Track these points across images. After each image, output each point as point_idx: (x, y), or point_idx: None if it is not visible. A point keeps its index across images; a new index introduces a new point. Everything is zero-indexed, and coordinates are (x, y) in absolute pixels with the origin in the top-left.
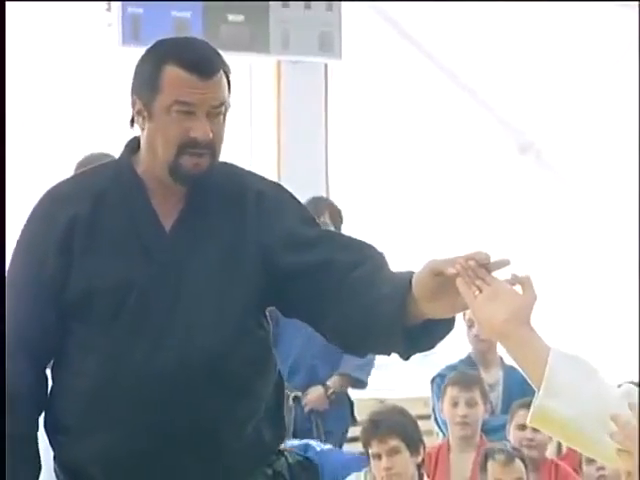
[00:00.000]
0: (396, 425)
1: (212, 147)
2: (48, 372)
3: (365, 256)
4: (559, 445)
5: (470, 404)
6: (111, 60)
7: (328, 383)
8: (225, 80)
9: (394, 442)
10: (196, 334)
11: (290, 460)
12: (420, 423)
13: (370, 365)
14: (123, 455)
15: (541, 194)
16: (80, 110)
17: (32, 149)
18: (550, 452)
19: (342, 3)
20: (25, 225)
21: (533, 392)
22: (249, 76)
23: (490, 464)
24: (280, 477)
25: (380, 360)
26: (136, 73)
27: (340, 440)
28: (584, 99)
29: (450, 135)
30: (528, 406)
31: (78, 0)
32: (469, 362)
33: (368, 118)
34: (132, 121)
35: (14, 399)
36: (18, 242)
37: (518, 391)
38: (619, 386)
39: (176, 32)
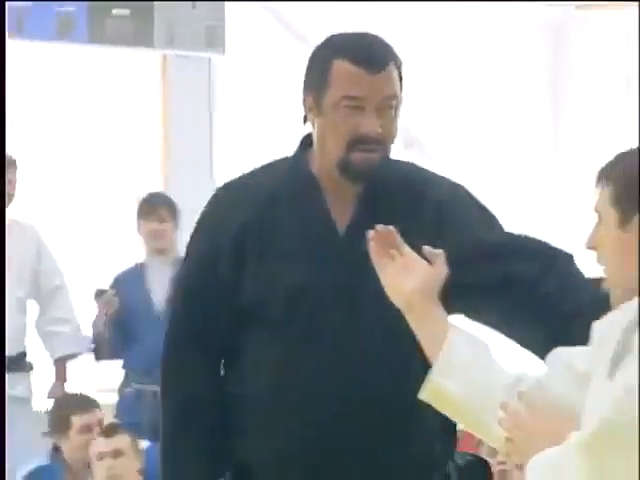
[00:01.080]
0: None
1: (383, 142)
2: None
3: (548, 265)
4: None
5: None
6: None
7: None
8: (396, 74)
9: None
10: (375, 350)
11: (459, 462)
12: None
13: None
14: (293, 466)
15: None
16: None
17: None
18: None
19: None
20: (195, 230)
21: None
22: (134, 71)
23: None
24: None
25: None
26: (307, 69)
27: None
28: (464, 96)
29: None
30: None
31: None
32: None
33: (252, 112)
34: (305, 118)
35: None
36: (189, 247)
37: None
38: None
39: (60, 26)
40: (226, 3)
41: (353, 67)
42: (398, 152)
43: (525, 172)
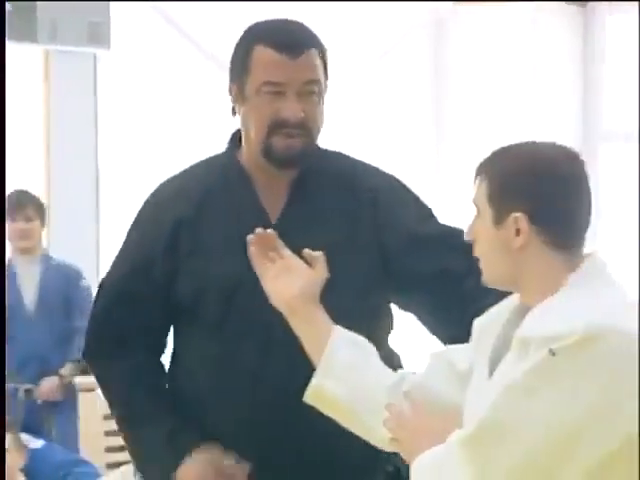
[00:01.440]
0: None
1: (305, 127)
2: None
3: (472, 261)
4: None
5: None
6: None
7: (61, 372)
8: (319, 59)
9: None
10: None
11: None
12: None
13: None
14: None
15: None
16: None
17: None
18: None
19: None
20: (131, 228)
21: None
22: (17, 66)
23: None
24: (400, 474)
25: None
26: (232, 57)
27: (74, 433)
28: (345, 94)
29: (223, 128)
30: None
31: None
32: None
33: (138, 109)
34: (233, 110)
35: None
36: (124, 245)
37: None
38: None
39: None
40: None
41: (273, 52)
42: None
43: (407, 171)
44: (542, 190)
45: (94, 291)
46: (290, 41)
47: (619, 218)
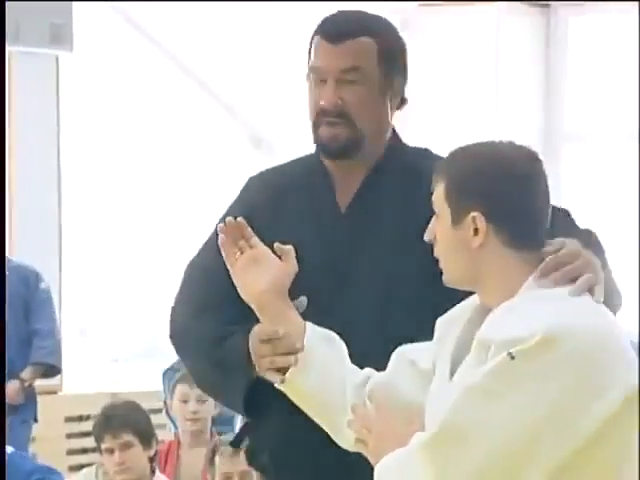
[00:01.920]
0: (129, 419)
1: (345, 116)
2: None
3: None
4: None
5: (200, 400)
6: None
7: (22, 375)
8: (373, 48)
9: (127, 437)
10: (353, 330)
11: None
12: (153, 417)
13: (60, 351)
14: (287, 442)
15: None
16: None
17: None
18: None
19: None
20: (224, 214)
21: None
22: None
23: (218, 457)
24: None
25: (113, 354)
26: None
27: (25, 437)
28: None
29: (184, 129)
30: None
31: None
32: None
33: (100, 110)
34: None
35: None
36: (220, 221)
37: None
38: None
39: None
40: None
41: (319, 39)
42: (246, 152)
43: None
44: (499, 189)
45: (54, 292)
46: (337, 29)
47: (580, 218)
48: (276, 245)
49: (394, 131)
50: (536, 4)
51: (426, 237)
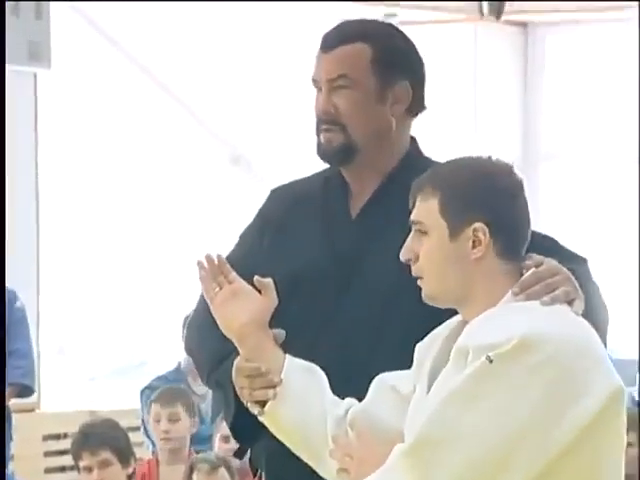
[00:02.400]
0: (107, 437)
1: (339, 123)
2: None
3: None
4: None
5: (172, 419)
6: None
7: None
8: (367, 54)
9: (105, 455)
10: (351, 339)
11: None
12: (131, 435)
13: (34, 371)
14: (282, 452)
15: (252, 204)
16: None
17: None
18: None
19: (51, 12)
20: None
21: None
22: None
23: (195, 474)
24: None
25: (91, 372)
26: None
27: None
28: (293, 113)
29: (163, 146)
30: None
31: None
32: (178, 373)
33: (78, 127)
34: None
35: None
36: (240, 234)
37: None
38: None
39: None
40: (51, 19)
41: (318, 49)
42: (225, 169)
43: None
44: (496, 201)
45: (32, 311)
46: (330, 36)
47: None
48: (256, 278)
49: (414, 142)
50: (514, 23)
51: (403, 257)
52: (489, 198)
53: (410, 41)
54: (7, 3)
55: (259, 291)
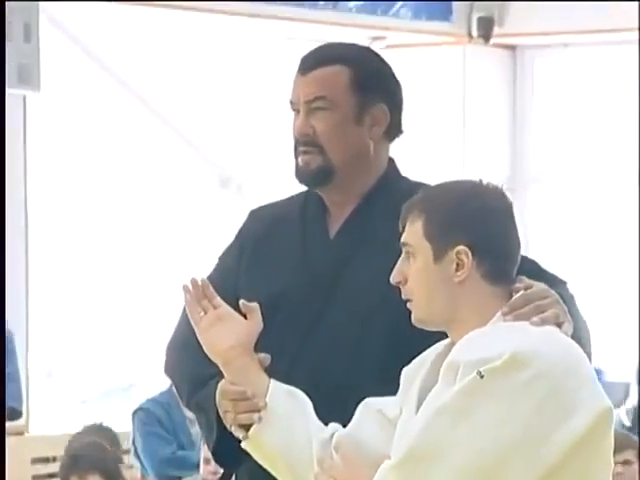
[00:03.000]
0: (96, 460)
1: (317, 145)
2: None
3: None
4: None
5: None
6: None
7: None
8: (345, 76)
9: (94, 478)
10: (329, 360)
11: None
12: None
13: (21, 394)
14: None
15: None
16: None
17: None
18: None
19: (40, 34)
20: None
21: None
22: None
23: None
24: None
25: (81, 395)
26: None
27: None
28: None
29: (152, 168)
30: None
31: None
32: (170, 396)
33: (67, 149)
34: None
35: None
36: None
37: None
38: None
39: None
40: (41, 41)
41: (296, 72)
42: (214, 191)
43: None
44: (481, 223)
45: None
46: (308, 58)
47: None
48: (242, 302)
49: (392, 163)
50: (503, 46)
51: (393, 280)
52: (473, 220)
53: (388, 65)
54: None
55: (244, 315)
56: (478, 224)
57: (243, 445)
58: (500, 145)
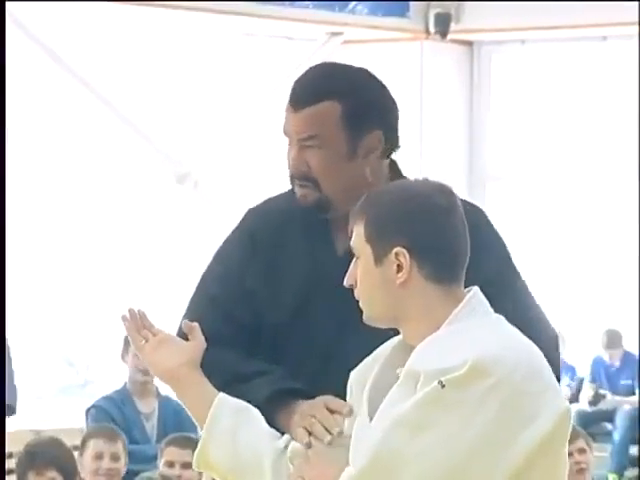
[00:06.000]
0: (53, 457)
1: (310, 179)
2: None
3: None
4: None
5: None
6: None
7: None
8: (335, 111)
9: (51, 474)
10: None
11: None
12: (76, 454)
13: (16, 391)
14: None
15: (198, 223)
16: None
17: None
18: None
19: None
20: (229, 236)
21: (188, 422)
22: None
23: None
24: None
25: (36, 391)
26: None
27: None
28: (239, 131)
29: (108, 164)
30: (177, 443)
31: None
32: (125, 392)
33: (20, 145)
34: None
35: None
36: (218, 252)
37: (173, 421)
38: None
39: None
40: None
41: (287, 103)
42: (170, 187)
43: None
44: (418, 223)
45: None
46: (299, 92)
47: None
48: (184, 322)
49: (393, 167)
50: (460, 42)
51: (346, 282)
52: (411, 221)
53: (381, 87)
54: None
55: (185, 337)
56: (417, 225)
57: (195, 465)
58: (457, 142)
